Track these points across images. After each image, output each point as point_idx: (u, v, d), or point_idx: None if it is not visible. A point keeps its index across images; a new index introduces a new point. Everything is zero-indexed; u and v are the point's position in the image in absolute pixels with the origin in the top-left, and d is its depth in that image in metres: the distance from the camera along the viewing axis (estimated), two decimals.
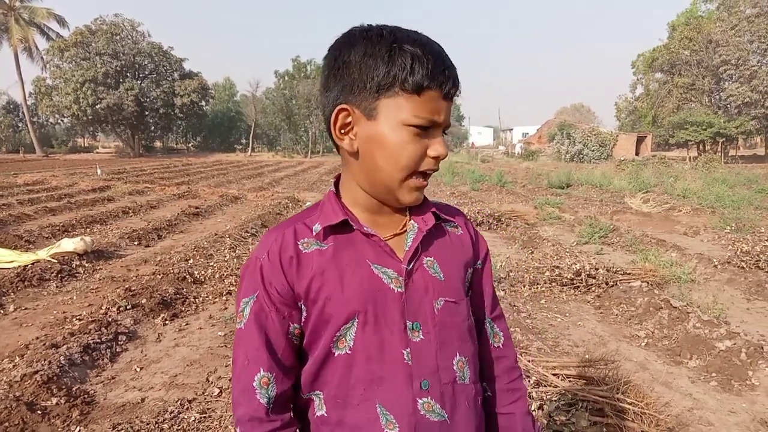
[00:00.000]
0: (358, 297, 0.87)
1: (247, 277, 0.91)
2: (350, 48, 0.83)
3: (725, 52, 35.72)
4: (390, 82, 0.81)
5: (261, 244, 0.92)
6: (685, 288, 5.31)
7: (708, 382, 3.51)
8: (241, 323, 0.90)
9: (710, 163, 22.14)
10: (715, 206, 10.92)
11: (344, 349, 0.88)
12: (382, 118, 0.83)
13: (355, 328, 0.87)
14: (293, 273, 0.88)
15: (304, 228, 0.91)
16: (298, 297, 0.89)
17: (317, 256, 0.88)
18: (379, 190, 0.90)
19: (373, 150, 0.85)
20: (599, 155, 34.94)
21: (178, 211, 10.76)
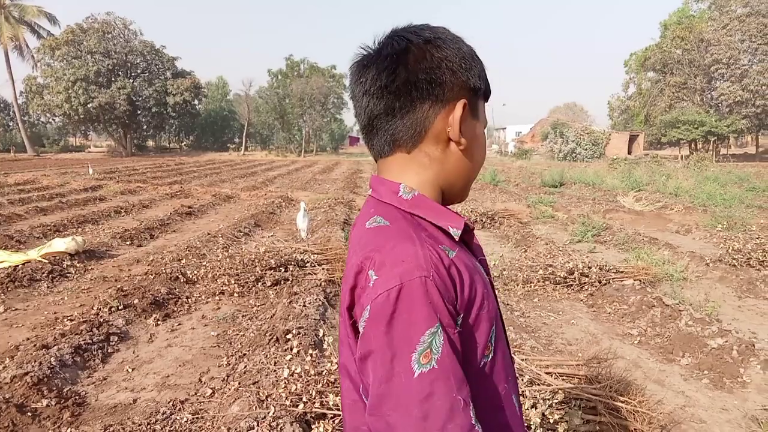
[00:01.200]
0: (493, 299, 0.85)
1: (421, 301, 0.70)
2: (452, 44, 0.83)
3: (717, 51, 35.97)
4: (485, 85, 0.87)
5: (408, 259, 0.73)
6: (677, 286, 5.34)
7: (700, 380, 3.53)
8: (431, 362, 0.68)
9: (702, 161, 22.29)
10: (706, 204, 10.99)
11: (490, 355, 0.81)
12: (481, 117, 0.89)
13: (495, 328, 0.82)
14: (457, 285, 0.76)
15: (430, 239, 0.78)
16: (458, 311, 0.75)
17: (460, 261, 0.78)
18: (460, 188, 0.91)
19: (474, 147, 0.88)
20: (592, 154, 35.10)
21: (170, 210, 10.70)
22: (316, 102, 50.35)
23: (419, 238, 0.76)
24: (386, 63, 0.81)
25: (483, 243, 7.82)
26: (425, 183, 0.86)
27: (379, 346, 0.69)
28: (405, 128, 0.83)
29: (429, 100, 0.81)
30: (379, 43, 0.85)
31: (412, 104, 0.81)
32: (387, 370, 0.68)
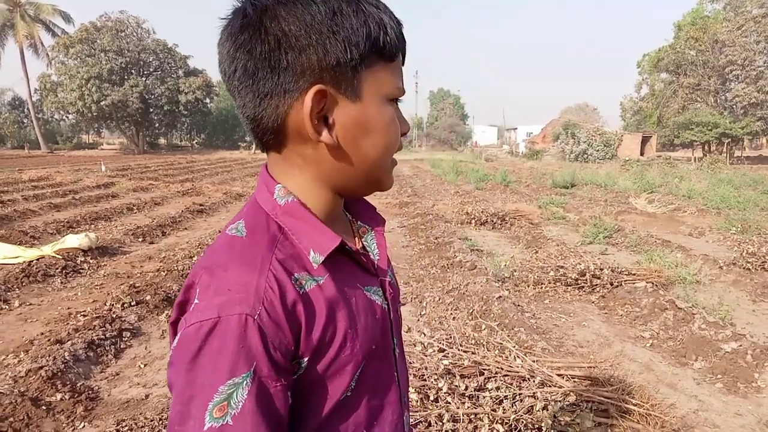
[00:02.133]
0: (368, 335, 0.71)
1: (232, 345, 0.57)
2: (299, 8, 0.62)
3: (731, 52, 35.56)
4: (369, 49, 0.64)
5: (236, 289, 0.60)
6: (690, 289, 5.29)
7: (713, 384, 3.50)
8: (223, 419, 0.56)
9: (715, 163, 22.09)
10: (720, 207, 10.88)
11: (348, 392, 0.69)
12: (366, 96, 0.66)
13: (361, 369, 0.70)
14: (301, 325, 0.63)
15: (290, 261, 0.65)
16: (301, 355, 0.63)
17: (319, 296, 0.65)
18: (358, 184, 0.73)
19: (358, 137, 0.67)
20: (604, 155, 34.86)
21: (182, 208, 10.78)
22: None
23: (265, 262, 0.62)
24: (227, 47, 0.65)
25: (493, 244, 7.81)
26: (304, 185, 0.70)
27: (180, 383, 0.58)
28: (262, 127, 0.67)
29: (275, 92, 0.64)
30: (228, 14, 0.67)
31: (260, 99, 0.65)
32: (182, 410, 0.57)
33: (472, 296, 5.01)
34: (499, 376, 2.92)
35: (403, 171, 22.71)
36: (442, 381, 2.75)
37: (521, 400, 2.76)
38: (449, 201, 12.22)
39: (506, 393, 2.78)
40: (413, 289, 5.41)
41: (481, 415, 2.61)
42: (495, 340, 3.38)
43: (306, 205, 0.70)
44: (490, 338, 3.43)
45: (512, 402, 2.74)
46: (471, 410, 2.67)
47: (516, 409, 2.70)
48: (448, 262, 6.36)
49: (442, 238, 7.61)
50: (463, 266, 6.15)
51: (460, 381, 2.83)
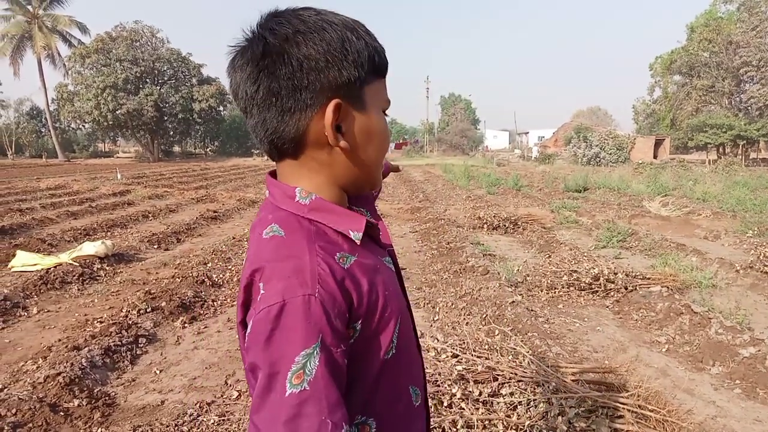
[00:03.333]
0: (397, 295, 0.86)
1: (301, 321, 0.68)
2: (315, 36, 0.75)
3: (746, 53, 35.12)
4: (369, 68, 0.79)
5: (294, 275, 0.71)
6: (706, 293, 5.23)
7: (732, 390, 3.45)
8: (302, 384, 0.66)
9: (731, 166, 21.80)
10: (736, 210, 10.72)
11: (391, 353, 0.81)
12: (369, 107, 0.81)
13: (400, 324, 0.84)
14: (353, 296, 0.75)
15: (329, 246, 0.77)
16: (354, 319, 0.75)
17: (360, 268, 0.78)
18: (363, 181, 0.87)
19: (365, 142, 0.81)
20: (616, 158, 34.56)
21: (196, 215, 10.88)
22: None
23: (311, 250, 0.74)
24: (248, 71, 0.77)
25: (506, 248, 7.78)
26: (322, 185, 0.83)
27: (260, 361, 0.68)
28: (282, 138, 0.79)
29: (297, 108, 0.76)
30: (245, 39, 0.79)
31: (282, 114, 0.77)
32: (265, 384, 0.66)
33: (485, 301, 4.99)
34: (513, 381, 2.91)
35: (414, 176, 22.70)
36: (456, 386, 2.75)
37: (536, 405, 2.75)
38: (461, 206, 12.19)
39: (520, 399, 2.77)
40: (426, 294, 5.41)
41: (496, 421, 2.60)
42: (509, 345, 3.37)
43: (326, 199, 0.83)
44: (503, 343, 3.42)
45: (527, 408, 2.73)
46: (485, 416, 2.66)
47: (530, 415, 2.69)
48: (461, 267, 6.35)
49: (455, 243, 7.60)
50: (475, 271, 6.14)
51: (474, 386, 2.82)
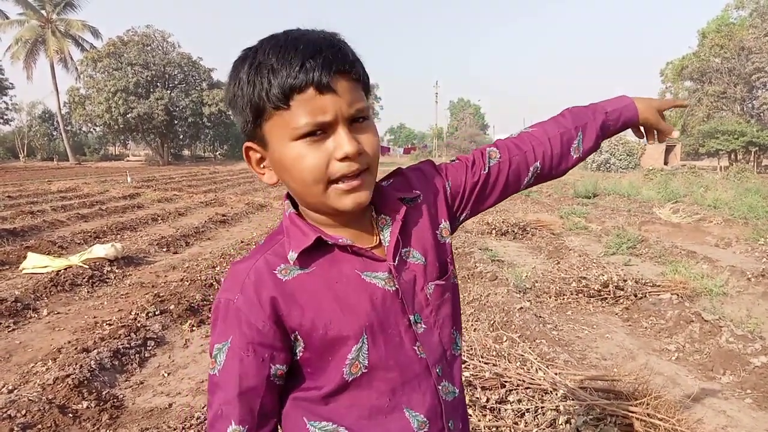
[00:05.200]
0: (360, 312, 0.83)
1: (220, 320, 0.83)
2: (228, 85, 0.81)
3: (758, 59, 34.84)
4: (259, 105, 0.77)
5: (229, 280, 0.84)
6: (716, 301, 5.17)
7: (742, 399, 3.41)
8: (214, 370, 0.83)
9: (742, 173, 21.59)
10: (747, 217, 10.61)
11: (359, 372, 0.84)
12: (272, 142, 0.80)
13: (367, 344, 0.84)
14: (279, 307, 0.81)
15: (274, 258, 0.84)
16: (290, 331, 0.83)
17: (304, 282, 0.83)
18: (318, 209, 0.85)
19: (282, 175, 0.83)
20: (626, 164, 34.35)
21: (205, 218, 10.94)
22: None
23: (254, 259, 0.84)
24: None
25: (514, 254, 7.75)
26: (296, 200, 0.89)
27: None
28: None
29: (247, 138, 0.84)
30: None
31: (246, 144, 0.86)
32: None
33: (493, 307, 4.97)
34: (520, 388, 2.89)
35: None
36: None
37: (543, 413, 2.73)
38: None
39: (528, 406, 2.75)
40: None
41: (503, 428, 2.59)
42: (516, 352, 3.35)
43: (302, 214, 0.89)
44: (511, 350, 3.40)
45: (534, 415, 2.72)
46: (492, 423, 2.65)
47: (538, 423, 2.67)
48: (469, 272, 6.33)
49: (463, 249, 7.58)
50: (483, 277, 6.11)
51: (482, 393, 2.81)
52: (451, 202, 1.01)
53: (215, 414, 0.82)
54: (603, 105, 1.13)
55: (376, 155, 0.83)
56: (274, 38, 0.78)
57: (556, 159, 1.07)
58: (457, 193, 1.01)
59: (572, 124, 1.08)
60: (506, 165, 1.03)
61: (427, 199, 0.97)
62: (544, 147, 1.06)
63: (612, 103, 1.13)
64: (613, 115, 1.11)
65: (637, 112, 1.13)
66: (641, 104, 1.13)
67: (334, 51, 0.76)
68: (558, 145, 1.06)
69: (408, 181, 0.97)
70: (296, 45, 0.75)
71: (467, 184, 1.01)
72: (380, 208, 0.91)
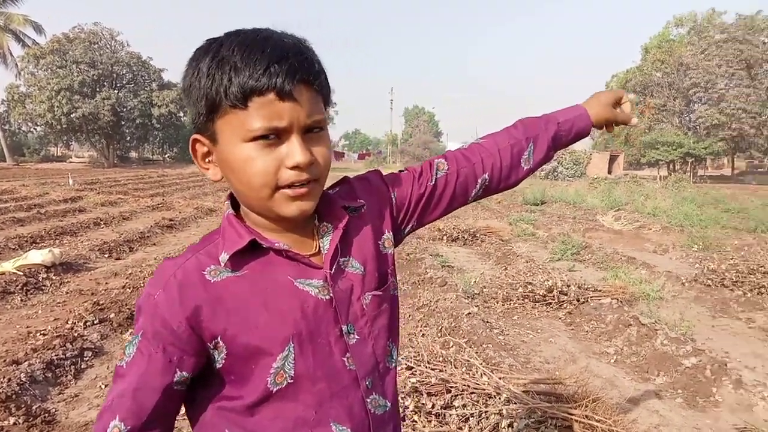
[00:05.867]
0: (289, 319, 0.81)
1: (141, 314, 0.81)
2: (185, 73, 0.79)
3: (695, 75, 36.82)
4: (215, 100, 0.75)
5: (155, 276, 0.82)
6: (653, 305, 5.41)
7: (674, 399, 3.57)
8: (122, 361, 0.80)
9: (680, 182, 22.70)
10: (683, 225, 11.18)
11: (284, 382, 0.81)
12: (223, 140, 0.78)
13: (293, 353, 0.81)
14: (202, 310, 0.79)
15: (206, 258, 0.82)
16: (210, 336, 0.80)
17: (233, 285, 0.80)
18: (261, 212, 0.84)
19: (228, 174, 0.81)
20: (573, 173, 35.54)
21: (151, 223, 10.60)
22: None
23: (185, 258, 0.83)
24: None
25: (464, 260, 7.87)
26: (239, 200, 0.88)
27: None
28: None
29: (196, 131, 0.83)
30: None
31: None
32: None
33: (441, 313, 5.03)
34: (465, 393, 2.93)
35: None
36: (409, 399, 2.75)
37: (487, 417, 2.78)
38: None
39: (473, 410, 2.79)
40: None
41: None
42: (463, 357, 3.40)
43: (240, 215, 0.87)
44: (457, 355, 3.45)
45: (478, 419, 2.76)
46: (437, 428, 2.67)
47: (482, 427, 2.71)
48: (419, 278, 6.38)
49: (414, 255, 7.64)
50: (433, 283, 6.18)
51: (427, 399, 2.84)
52: (397, 213, 1.00)
53: (106, 405, 0.79)
54: (556, 115, 1.13)
55: (327, 167, 0.83)
56: (242, 34, 0.76)
57: (505, 171, 1.08)
58: (402, 204, 1.01)
59: (523, 135, 1.08)
60: (454, 177, 1.03)
61: (372, 209, 0.96)
62: (494, 159, 1.06)
63: (565, 114, 1.13)
64: (565, 126, 1.12)
65: (590, 122, 1.13)
66: (594, 108, 1.13)
67: (300, 59, 0.76)
68: (508, 156, 1.07)
69: (353, 191, 0.97)
70: (263, 46, 0.74)
71: (413, 195, 1.01)
72: (323, 216, 0.90)
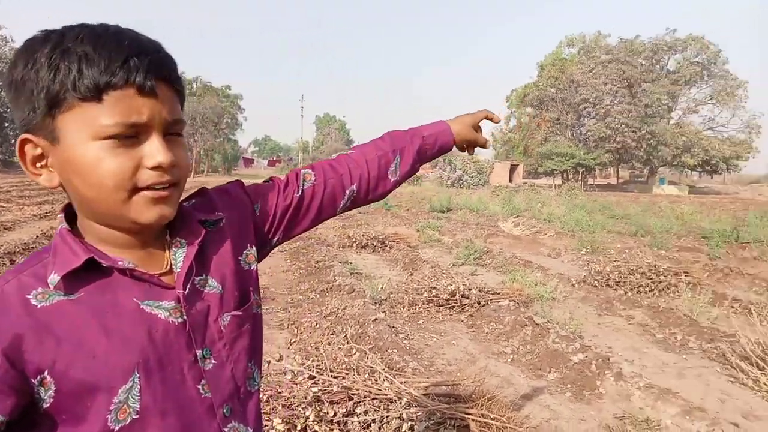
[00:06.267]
0: (134, 347, 0.72)
1: None
2: (15, 64, 0.69)
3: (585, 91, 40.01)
4: (60, 93, 0.66)
5: None
6: (546, 306, 5.76)
7: (564, 393, 3.82)
8: None
9: (572, 190, 24.46)
10: (574, 230, 12.05)
11: (128, 418, 0.71)
12: (67, 138, 0.68)
13: (139, 384, 0.72)
14: (23, 340, 0.67)
15: (31, 280, 0.71)
16: (34, 371, 0.67)
17: (65, 310, 0.70)
18: (111, 221, 0.74)
19: (71, 179, 0.70)
20: (477, 181, 37.18)
21: (38, 233, 9.71)
22: (209, 122, 48.99)
23: (7, 281, 0.71)
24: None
25: (373, 266, 7.95)
26: (79, 215, 0.77)
27: None
28: None
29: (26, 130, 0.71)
30: None
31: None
32: None
33: (349, 320, 5.04)
34: (368, 399, 2.96)
35: None
36: (310, 409, 2.73)
37: (389, 422, 2.81)
38: (332, 224, 12.28)
39: (374, 416, 2.82)
40: (291, 315, 5.33)
41: None
42: (366, 364, 3.43)
43: (76, 231, 0.77)
44: (360, 362, 3.47)
45: (380, 425, 2.79)
46: None
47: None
48: (328, 285, 6.36)
49: (323, 262, 7.62)
50: (342, 290, 6.19)
51: (329, 407, 2.82)
52: (261, 226, 0.96)
53: None
54: (421, 129, 1.16)
55: (187, 172, 0.78)
56: (88, 27, 0.69)
57: (373, 182, 1.08)
58: (267, 216, 0.97)
59: (390, 147, 1.10)
60: (321, 187, 1.02)
61: (232, 222, 0.90)
62: (361, 170, 1.06)
63: (429, 128, 1.16)
64: (430, 140, 1.15)
65: (453, 137, 1.17)
66: (456, 126, 1.18)
67: (161, 56, 0.71)
68: (375, 168, 1.08)
69: (211, 203, 0.90)
70: (119, 39, 0.68)
71: (279, 206, 0.98)
72: (176, 230, 0.82)
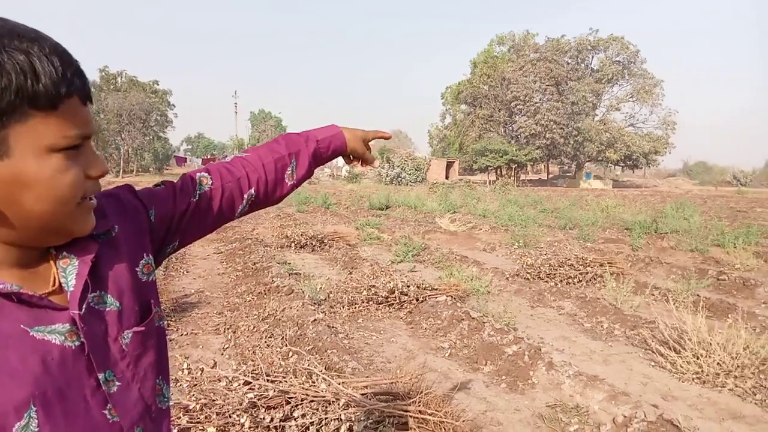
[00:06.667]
0: (26, 379, 0.65)
1: None
2: None
3: (516, 89, 41.33)
4: (12, 101, 0.60)
5: None
6: (482, 300, 5.92)
7: (499, 385, 3.93)
8: None
9: (505, 186, 25.23)
10: (508, 225, 12.43)
11: None
12: (17, 152, 0.63)
13: (37, 419, 0.66)
14: None
15: None
16: None
17: None
18: (35, 236, 0.69)
19: (17, 195, 0.64)
20: (415, 179, 37.66)
21: None
22: (137, 119, 46.88)
23: None
24: None
25: (312, 266, 7.88)
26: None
27: None
28: None
29: None
30: None
31: None
32: None
33: (287, 322, 4.97)
34: (305, 402, 2.92)
35: None
36: (246, 416, 2.67)
37: (327, 424, 2.80)
38: (269, 224, 12.08)
39: (312, 419, 2.79)
40: (227, 320, 5.20)
41: None
42: (303, 366, 3.39)
43: None
44: (298, 365, 3.43)
45: (318, 428, 2.76)
46: None
47: None
48: (266, 287, 6.25)
49: (261, 263, 7.47)
50: (280, 291, 6.09)
51: (266, 413, 2.77)
52: (156, 233, 0.91)
53: None
54: (315, 133, 1.17)
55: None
56: (16, 26, 0.63)
57: (271, 185, 1.08)
58: (163, 223, 0.91)
59: (286, 150, 1.10)
60: (219, 192, 0.99)
61: (125, 231, 0.83)
62: (259, 173, 1.05)
63: (323, 132, 1.18)
64: (324, 144, 1.16)
65: (345, 141, 1.19)
66: (348, 134, 1.20)
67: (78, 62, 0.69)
68: (273, 171, 1.07)
69: (100, 211, 0.81)
70: (53, 43, 0.65)
71: (175, 212, 0.93)
72: (63, 245, 0.74)
